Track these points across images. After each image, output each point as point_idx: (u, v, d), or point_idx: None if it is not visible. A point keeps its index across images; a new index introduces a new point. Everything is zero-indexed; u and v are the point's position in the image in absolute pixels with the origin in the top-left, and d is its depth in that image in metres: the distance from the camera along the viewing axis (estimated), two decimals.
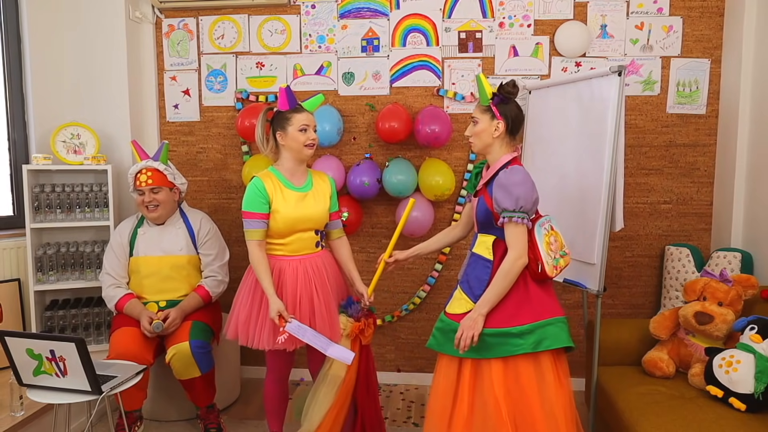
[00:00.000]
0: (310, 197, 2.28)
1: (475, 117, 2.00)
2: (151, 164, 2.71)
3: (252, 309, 2.25)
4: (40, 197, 2.96)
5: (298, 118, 2.21)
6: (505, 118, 1.95)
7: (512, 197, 1.84)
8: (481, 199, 1.98)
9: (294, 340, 2.17)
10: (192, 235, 2.80)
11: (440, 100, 3.25)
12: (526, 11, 3.16)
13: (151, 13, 3.34)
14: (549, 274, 1.89)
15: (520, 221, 1.84)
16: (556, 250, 1.94)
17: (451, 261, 3.31)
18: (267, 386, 2.41)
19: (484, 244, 1.97)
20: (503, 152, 1.97)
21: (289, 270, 2.25)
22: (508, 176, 1.87)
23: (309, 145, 2.23)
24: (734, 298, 2.37)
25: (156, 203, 2.70)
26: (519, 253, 1.86)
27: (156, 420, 2.89)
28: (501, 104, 1.96)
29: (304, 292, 2.23)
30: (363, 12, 3.25)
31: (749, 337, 2.15)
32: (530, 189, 1.86)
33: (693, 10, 3.10)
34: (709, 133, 3.15)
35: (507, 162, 1.94)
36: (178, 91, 3.40)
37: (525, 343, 1.83)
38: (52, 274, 2.99)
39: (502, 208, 1.86)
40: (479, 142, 1.99)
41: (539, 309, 1.88)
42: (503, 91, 1.96)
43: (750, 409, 2.02)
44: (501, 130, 1.95)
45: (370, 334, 2.27)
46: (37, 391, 2.05)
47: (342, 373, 2.19)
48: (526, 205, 1.84)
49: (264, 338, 2.21)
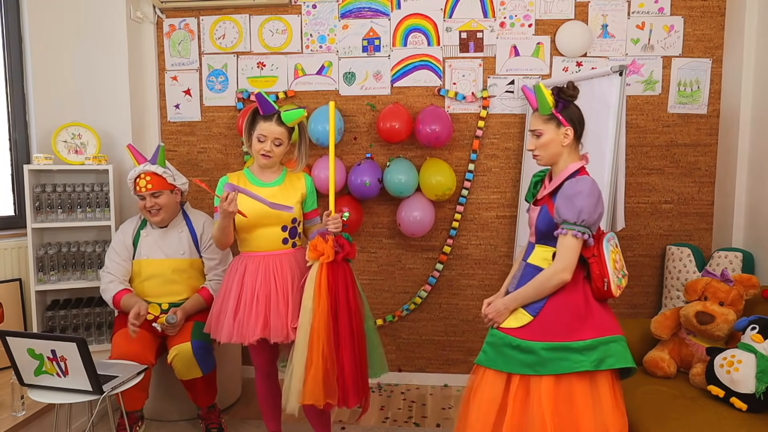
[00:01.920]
0: (277, 193, 2.28)
1: (537, 129, 1.85)
2: (149, 168, 2.69)
3: (223, 303, 2.28)
4: (42, 197, 2.96)
5: (260, 126, 2.23)
6: (572, 123, 1.82)
7: (575, 209, 1.72)
8: (544, 209, 1.85)
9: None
10: (195, 238, 2.80)
11: (441, 100, 3.25)
12: (527, 11, 3.16)
13: (152, 13, 3.34)
14: (614, 293, 1.77)
15: (579, 235, 1.73)
16: (620, 269, 1.83)
17: (452, 261, 3.31)
18: (257, 384, 2.43)
19: (543, 256, 1.85)
20: (571, 160, 1.84)
21: (252, 266, 2.27)
22: (573, 186, 1.76)
23: (263, 155, 2.24)
24: (735, 298, 2.37)
25: (158, 207, 2.69)
26: (564, 266, 1.74)
27: (157, 420, 2.89)
28: (565, 110, 1.82)
29: (261, 290, 2.23)
30: (364, 12, 3.25)
31: (750, 336, 2.15)
32: (595, 202, 1.74)
33: (694, 9, 3.10)
34: (710, 133, 3.15)
35: (575, 171, 1.82)
36: (179, 91, 3.40)
37: (586, 360, 1.70)
38: (53, 274, 3.00)
39: (563, 219, 1.75)
40: (547, 153, 1.84)
41: (602, 325, 1.76)
42: (565, 95, 1.81)
43: (751, 409, 2.02)
44: (571, 137, 1.82)
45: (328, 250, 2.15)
46: (38, 391, 2.05)
47: (310, 303, 2.12)
48: (588, 219, 1.73)
49: (224, 333, 2.23)
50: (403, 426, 2.89)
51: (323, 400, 2.10)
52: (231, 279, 2.30)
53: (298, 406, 2.12)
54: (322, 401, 2.10)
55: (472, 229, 3.30)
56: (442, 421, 2.94)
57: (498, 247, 3.30)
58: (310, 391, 2.08)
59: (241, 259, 2.32)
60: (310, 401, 2.09)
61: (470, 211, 3.29)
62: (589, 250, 1.78)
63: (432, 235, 3.30)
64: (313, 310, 2.12)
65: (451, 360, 3.41)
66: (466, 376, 3.36)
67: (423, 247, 3.34)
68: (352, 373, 2.14)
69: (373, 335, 2.30)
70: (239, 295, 2.25)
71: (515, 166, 3.24)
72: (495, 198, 3.28)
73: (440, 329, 3.39)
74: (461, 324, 3.37)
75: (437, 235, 3.31)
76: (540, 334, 1.75)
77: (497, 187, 3.27)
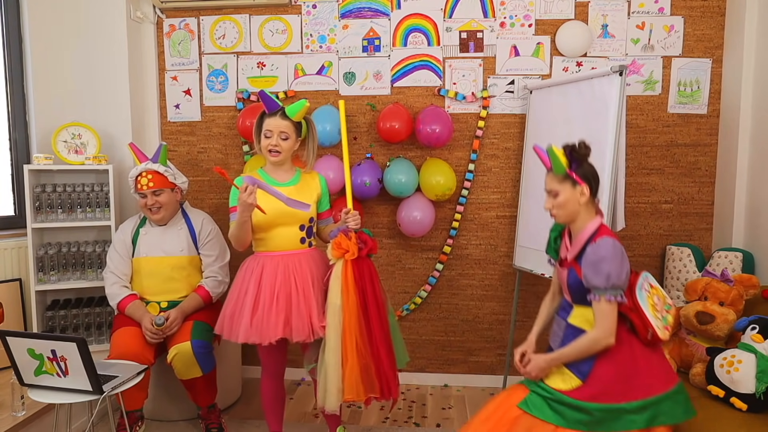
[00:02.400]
0: (294, 192, 2.28)
1: (552, 189, 1.86)
2: (150, 167, 2.70)
3: (236, 303, 2.26)
4: (42, 197, 2.96)
5: (266, 122, 2.25)
6: (587, 181, 1.83)
7: (602, 275, 1.74)
8: (573, 272, 1.86)
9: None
10: (193, 236, 2.80)
11: (441, 100, 3.25)
12: (527, 11, 3.16)
13: (152, 13, 3.34)
14: (662, 338, 1.79)
15: (611, 299, 1.75)
16: (661, 309, 1.84)
17: (452, 261, 3.31)
18: (263, 384, 2.42)
19: (584, 317, 1.85)
20: (588, 218, 1.86)
21: (270, 266, 2.25)
22: (595, 251, 1.78)
23: (271, 150, 2.25)
24: (735, 298, 2.37)
25: (159, 205, 2.70)
26: (606, 333, 1.76)
27: (157, 420, 2.89)
28: (579, 168, 1.84)
29: (282, 289, 2.22)
30: (364, 12, 3.25)
31: (750, 337, 2.15)
32: (620, 263, 1.76)
33: (694, 9, 3.10)
34: (710, 133, 3.15)
35: (594, 232, 1.83)
36: (179, 91, 3.40)
37: (639, 419, 1.72)
38: (53, 274, 3.00)
39: (593, 285, 1.77)
40: (564, 212, 1.86)
41: (651, 382, 1.76)
42: (578, 154, 1.84)
43: (751, 409, 2.02)
44: (587, 195, 1.83)
45: (352, 247, 2.17)
46: (38, 391, 2.05)
47: (338, 300, 2.14)
48: (617, 281, 1.74)
49: (241, 333, 2.21)
50: (403, 426, 2.89)
51: (364, 395, 2.12)
52: (246, 279, 2.28)
53: (339, 404, 2.14)
54: (363, 395, 2.12)
55: (472, 229, 3.30)
56: (442, 421, 2.94)
57: (498, 247, 3.30)
58: (349, 387, 2.11)
59: (257, 259, 2.30)
60: (352, 397, 2.11)
61: (470, 211, 3.29)
62: (626, 305, 1.80)
63: (432, 235, 3.30)
64: (342, 307, 2.13)
65: (451, 360, 3.41)
66: (465, 376, 3.38)
67: (423, 247, 3.34)
68: (389, 364, 2.18)
69: (396, 326, 2.32)
70: (257, 295, 2.23)
71: (515, 166, 3.24)
72: (495, 198, 3.28)
73: (440, 329, 3.39)
74: (461, 324, 3.37)
75: (437, 235, 3.31)
76: (591, 396, 1.76)
77: (497, 187, 3.27)
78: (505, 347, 3.34)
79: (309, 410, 3.04)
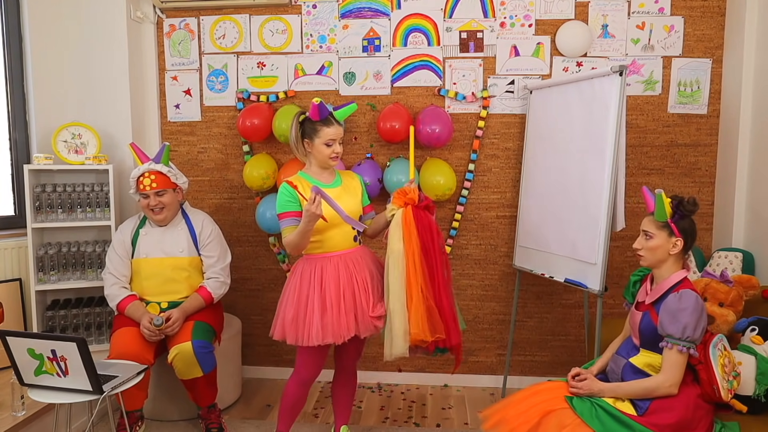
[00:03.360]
0: (342, 193, 2.32)
1: (649, 232, 1.91)
2: (153, 167, 2.69)
3: (299, 307, 2.25)
4: (42, 197, 2.96)
5: (326, 132, 2.25)
6: (684, 235, 1.87)
7: (679, 325, 1.77)
8: (647, 316, 1.90)
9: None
10: (194, 237, 2.80)
11: (441, 100, 3.25)
12: (527, 11, 3.16)
13: (152, 12, 3.34)
14: (724, 398, 1.81)
15: (684, 350, 1.77)
16: (729, 372, 1.86)
17: (453, 261, 3.31)
18: (289, 386, 2.37)
19: (648, 362, 1.89)
20: (675, 269, 1.89)
21: (330, 267, 2.26)
22: (678, 302, 1.80)
23: (333, 157, 2.29)
24: (735, 299, 2.36)
25: (162, 206, 2.70)
26: (672, 382, 1.79)
27: (157, 420, 2.89)
28: (680, 221, 1.88)
29: (347, 288, 2.24)
30: (364, 12, 3.25)
31: (750, 338, 2.15)
32: (699, 318, 1.78)
33: (694, 9, 3.09)
34: (710, 133, 3.15)
35: (678, 282, 1.86)
36: (180, 91, 3.40)
37: None
38: (53, 274, 3.00)
39: (667, 333, 1.80)
40: (652, 257, 1.90)
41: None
42: (684, 209, 1.87)
43: (751, 411, 2.01)
44: (679, 248, 1.87)
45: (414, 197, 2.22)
46: (38, 391, 2.05)
47: (400, 245, 2.15)
48: (692, 335, 1.77)
49: (312, 335, 2.20)
50: (403, 426, 2.89)
51: (431, 335, 2.12)
52: (305, 282, 2.27)
53: (407, 346, 2.12)
54: (430, 336, 2.11)
55: (472, 229, 3.30)
56: (442, 421, 2.94)
57: (498, 247, 3.30)
58: (416, 327, 2.10)
59: (313, 261, 2.28)
60: (418, 336, 2.10)
61: (470, 211, 3.29)
62: (696, 358, 1.82)
63: None
64: (404, 251, 2.15)
65: (452, 360, 3.40)
66: (465, 376, 3.38)
67: None
68: (451, 311, 2.19)
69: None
70: (323, 296, 2.22)
71: (515, 166, 3.24)
72: (495, 198, 3.28)
73: None
74: None
75: None
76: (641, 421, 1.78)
77: (497, 188, 3.27)
78: (505, 347, 3.34)
79: (310, 410, 3.05)
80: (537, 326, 3.33)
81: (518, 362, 3.36)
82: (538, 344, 3.35)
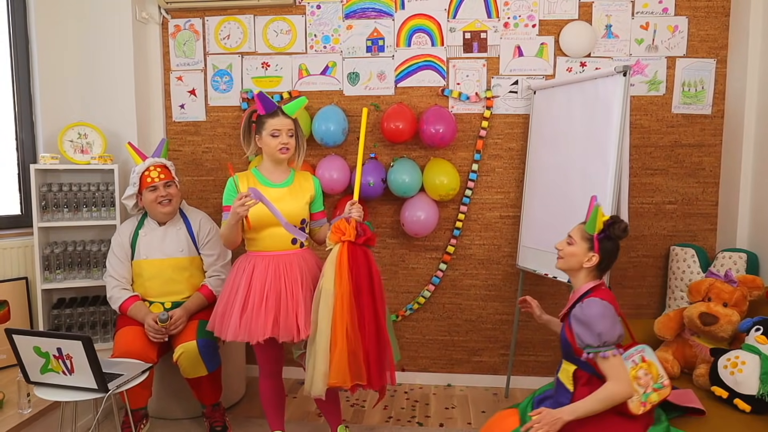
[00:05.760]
0: (287, 194, 2.31)
1: (572, 237, 1.90)
2: (158, 161, 2.75)
3: (227, 302, 2.28)
4: (48, 196, 2.98)
5: (270, 123, 2.26)
6: (602, 254, 1.85)
7: (593, 333, 1.74)
8: (563, 328, 1.89)
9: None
10: (192, 236, 2.82)
11: (445, 100, 3.25)
12: (531, 11, 3.16)
13: (157, 13, 3.36)
14: (633, 411, 1.75)
15: (608, 355, 1.73)
16: (646, 384, 1.81)
17: (456, 261, 3.32)
18: (261, 384, 2.43)
19: (566, 373, 1.87)
20: (587, 280, 1.88)
21: (261, 266, 2.27)
22: (584, 311, 1.77)
23: (281, 149, 2.28)
24: (739, 299, 2.37)
25: (169, 197, 2.73)
26: (621, 383, 1.72)
27: (162, 418, 2.91)
28: (604, 240, 1.85)
29: (272, 289, 2.23)
30: (368, 12, 3.25)
31: (755, 338, 2.14)
32: (610, 323, 1.75)
33: (698, 10, 3.09)
34: (714, 134, 3.14)
35: (586, 292, 1.85)
36: (184, 91, 3.41)
37: None
38: (59, 273, 3.02)
39: (586, 344, 1.76)
40: (565, 264, 1.90)
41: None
42: (613, 231, 1.84)
43: (755, 411, 2.02)
44: (593, 263, 1.85)
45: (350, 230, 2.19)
46: (44, 389, 2.07)
47: (330, 285, 2.13)
48: (609, 339, 1.73)
49: (230, 331, 2.21)
50: (407, 425, 2.90)
51: (350, 381, 2.11)
52: (237, 278, 2.30)
53: (325, 389, 2.13)
54: (350, 382, 2.11)
55: (476, 229, 3.31)
56: (445, 420, 2.95)
57: (501, 247, 3.30)
58: (336, 372, 2.10)
59: (248, 259, 2.32)
60: (337, 383, 2.10)
61: (474, 211, 3.30)
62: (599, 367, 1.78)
63: (435, 235, 3.30)
64: (334, 292, 2.13)
65: (455, 360, 3.41)
66: (468, 375, 3.39)
67: (426, 247, 3.35)
68: (380, 354, 2.16)
69: (390, 325, 2.32)
70: (247, 294, 2.25)
71: (519, 167, 3.24)
72: (498, 198, 3.28)
73: (443, 329, 3.39)
74: (464, 324, 3.37)
75: (441, 235, 3.31)
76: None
77: (501, 188, 3.27)
78: (509, 347, 3.34)
79: (312, 409, 3.05)
80: (540, 326, 3.33)
81: (521, 362, 3.36)
82: (542, 344, 3.35)
